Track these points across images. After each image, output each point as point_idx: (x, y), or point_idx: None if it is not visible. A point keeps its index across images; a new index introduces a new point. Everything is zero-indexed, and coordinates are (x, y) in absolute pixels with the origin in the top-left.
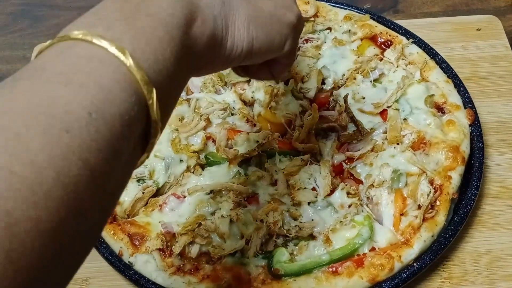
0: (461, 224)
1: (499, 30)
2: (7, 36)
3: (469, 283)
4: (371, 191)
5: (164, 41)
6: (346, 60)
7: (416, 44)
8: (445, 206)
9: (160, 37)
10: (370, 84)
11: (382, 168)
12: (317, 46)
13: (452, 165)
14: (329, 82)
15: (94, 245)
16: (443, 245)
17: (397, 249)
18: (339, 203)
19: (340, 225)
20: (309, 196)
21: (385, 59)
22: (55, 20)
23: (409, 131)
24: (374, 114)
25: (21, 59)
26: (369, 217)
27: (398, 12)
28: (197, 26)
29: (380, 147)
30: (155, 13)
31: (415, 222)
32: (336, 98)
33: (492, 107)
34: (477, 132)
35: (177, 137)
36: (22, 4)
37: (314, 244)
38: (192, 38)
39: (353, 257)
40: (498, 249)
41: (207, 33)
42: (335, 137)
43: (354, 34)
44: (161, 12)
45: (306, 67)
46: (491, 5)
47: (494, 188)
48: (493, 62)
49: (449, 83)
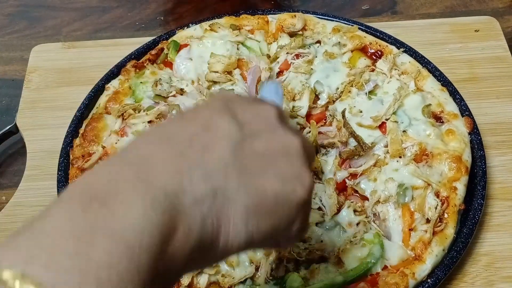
0: (470, 236)
1: (498, 31)
2: (4, 37)
3: (468, 284)
4: (378, 207)
5: (124, 279)
6: (338, 73)
7: (407, 53)
8: (453, 218)
9: (120, 272)
10: (365, 96)
11: (387, 183)
12: (309, 61)
13: (456, 176)
14: (324, 97)
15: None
16: (455, 259)
17: (410, 266)
18: (347, 221)
19: (351, 245)
20: (316, 217)
21: (377, 70)
22: (52, 21)
23: (410, 143)
24: (373, 127)
25: (18, 60)
26: (379, 235)
27: (397, 13)
28: (177, 240)
29: (383, 162)
30: (117, 232)
31: (425, 237)
32: (332, 113)
33: (490, 108)
34: (477, 140)
35: None
36: (19, 5)
37: (326, 266)
38: (168, 257)
39: (366, 277)
40: (497, 250)
41: (190, 244)
42: (336, 153)
43: (344, 46)
44: (127, 230)
45: (299, 84)
46: (489, 7)
47: (493, 189)
48: (491, 63)
49: (444, 91)
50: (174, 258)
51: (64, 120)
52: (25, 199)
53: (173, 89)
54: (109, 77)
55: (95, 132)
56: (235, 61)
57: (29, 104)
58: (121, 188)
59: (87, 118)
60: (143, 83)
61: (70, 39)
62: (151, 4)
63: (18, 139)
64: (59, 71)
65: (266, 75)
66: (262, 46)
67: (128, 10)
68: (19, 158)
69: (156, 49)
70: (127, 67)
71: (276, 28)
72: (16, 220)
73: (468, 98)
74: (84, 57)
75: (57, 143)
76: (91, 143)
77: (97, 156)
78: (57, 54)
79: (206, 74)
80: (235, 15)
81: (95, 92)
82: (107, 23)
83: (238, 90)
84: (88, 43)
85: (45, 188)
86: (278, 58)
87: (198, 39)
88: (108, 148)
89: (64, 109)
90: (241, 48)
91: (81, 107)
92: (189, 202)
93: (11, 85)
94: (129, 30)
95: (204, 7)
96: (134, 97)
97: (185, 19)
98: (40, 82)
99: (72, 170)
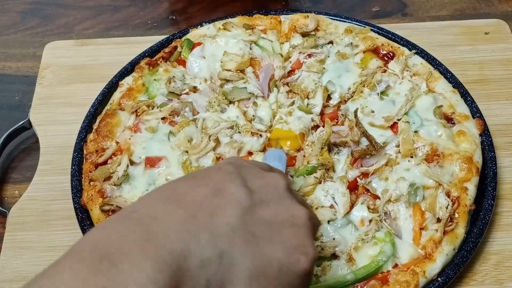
0: (481, 236)
1: (507, 34)
2: (17, 34)
3: (477, 283)
4: (389, 206)
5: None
6: (351, 74)
7: (418, 54)
8: (464, 218)
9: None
10: (377, 97)
11: (398, 183)
12: (321, 61)
13: (467, 177)
14: (336, 96)
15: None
16: (465, 258)
17: (420, 265)
18: (359, 219)
19: (362, 243)
20: (328, 215)
21: (389, 71)
22: (64, 19)
23: (421, 144)
24: (385, 127)
25: (31, 57)
26: (390, 233)
27: (406, 16)
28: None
29: (394, 161)
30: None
31: (436, 236)
32: (344, 112)
33: (500, 110)
34: (487, 142)
35: (187, 160)
36: (32, 2)
37: (337, 264)
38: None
39: (377, 275)
40: (507, 249)
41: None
42: (348, 152)
43: (356, 47)
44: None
45: (312, 83)
46: (498, 10)
47: (503, 189)
48: (501, 65)
49: (455, 93)
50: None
51: (76, 116)
52: (38, 193)
53: (186, 87)
54: (123, 74)
55: (109, 128)
56: (247, 60)
57: (42, 100)
58: (129, 248)
59: (100, 114)
60: (157, 80)
61: (82, 37)
62: (163, 3)
63: (31, 135)
64: (71, 68)
65: (279, 73)
66: (275, 46)
67: (140, 9)
68: (32, 153)
69: (170, 47)
70: (141, 64)
71: (288, 28)
72: (29, 214)
73: (478, 99)
74: (96, 55)
75: (70, 138)
76: (105, 139)
77: (110, 152)
78: (69, 52)
79: (219, 72)
80: (248, 14)
81: (109, 89)
82: (119, 22)
83: (251, 88)
84: (100, 41)
85: (57, 182)
86: (290, 58)
87: (211, 38)
88: (122, 144)
89: (77, 105)
90: (253, 47)
91: (95, 103)
92: (195, 264)
93: (24, 81)
94: (140, 28)
95: (215, 7)
96: (148, 94)
97: (196, 18)
98: (53, 78)
99: (86, 165)
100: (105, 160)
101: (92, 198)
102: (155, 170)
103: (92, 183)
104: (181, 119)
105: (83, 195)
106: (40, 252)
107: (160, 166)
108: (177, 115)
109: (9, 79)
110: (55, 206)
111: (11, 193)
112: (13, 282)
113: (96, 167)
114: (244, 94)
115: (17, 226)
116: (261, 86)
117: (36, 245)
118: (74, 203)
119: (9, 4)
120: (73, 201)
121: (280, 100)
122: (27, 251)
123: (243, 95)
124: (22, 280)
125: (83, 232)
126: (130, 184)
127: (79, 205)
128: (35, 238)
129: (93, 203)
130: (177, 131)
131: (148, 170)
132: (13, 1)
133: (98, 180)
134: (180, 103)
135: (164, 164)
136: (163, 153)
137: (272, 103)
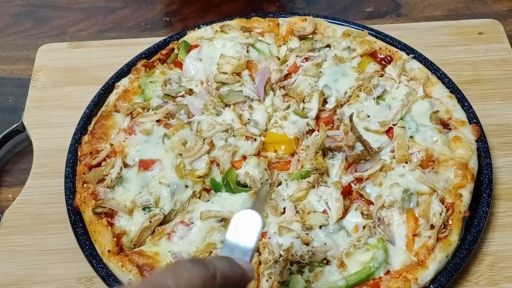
0: (474, 243)
1: (501, 34)
2: (11, 36)
3: (472, 284)
4: (382, 212)
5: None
6: (347, 78)
7: (416, 59)
8: (458, 225)
9: None
10: (373, 101)
11: (392, 188)
12: (318, 64)
13: (462, 183)
14: (332, 101)
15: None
16: (458, 265)
17: (412, 271)
18: (353, 225)
19: (354, 249)
20: (320, 220)
21: (386, 75)
22: (58, 21)
23: (416, 149)
24: (380, 132)
25: (25, 60)
26: (383, 239)
27: (401, 16)
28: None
29: (389, 167)
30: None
31: (429, 243)
32: (340, 117)
33: (494, 110)
34: (484, 148)
35: (181, 162)
36: (26, 5)
37: (329, 270)
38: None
39: (369, 282)
40: (501, 250)
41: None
42: (342, 157)
43: (354, 51)
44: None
45: (308, 86)
46: (492, 10)
47: (497, 190)
48: (495, 65)
49: (452, 98)
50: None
51: (70, 118)
52: (31, 197)
53: (182, 89)
54: (119, 75)
55: (104, 130)
56: (244, 63)
57: (36, 103)
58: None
59: (96, 115)
60: (153, 82)
61: (76, 39)
62: (157, 5)
63: (24, 138)
64: (65, 70)
65: (276, 76)
66: (272, 49)
67: (134, 11)
68: (25, 157)
69: (167, 49)
70: (138, 66)
71: (286, 31)
72: (22, 217)
73: (472, 100)
74: (90, 57)
75: (64, 141)
76: (100, 140)
77: (104, 154)
78: (63, 54)
79: (215, 75)
80: (246, 17)
81: (104, 90)
82: (113, 24)
83: (247, 91)
84: (94, 43)
85: (51, 186)
86: (287, 61)
87: (208, 40)
88: (116, 146)
89: (70, 108)
90: (251, 50)
91: (91, 104)
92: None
93: (17, 84)
94: (134, 30)
95: (209, 8)
96: (143, 96)
97: (190, 20)
98: (47, 81)
99: (80, 167)
100: (99, 162)
101: (85, 200)
102: (149, 172)
103: (86, 185)
104: (176, 121)
105: (76, 197)
106: (33, 256)
107: (154, 169)
108: (172, 118)
109: (2, 82)
110: (49, 210)
111: (5, 197)
112: (6, 286)
113: (90, 169)
114: (240, 97)
115: (11, 230)
116: (257, 89)
117: (29, 248)
118: (67, 205)
119: (2, 6)
120: (66, 203)
121: (276, 104)
122: (21, 254)
123: (239, 98)
124: (15, 284)
125: (75, 235)
126: (123, 186)
127: (72, 207)
128: (28, 242)
129: (86, 206)
130: (172, 134)
131: (141, 173)
132: (6, 4)
133: (91, 182)
134: (176, 106)
135: (157, 167)
136: (157, 155)
137: (267, 106)
